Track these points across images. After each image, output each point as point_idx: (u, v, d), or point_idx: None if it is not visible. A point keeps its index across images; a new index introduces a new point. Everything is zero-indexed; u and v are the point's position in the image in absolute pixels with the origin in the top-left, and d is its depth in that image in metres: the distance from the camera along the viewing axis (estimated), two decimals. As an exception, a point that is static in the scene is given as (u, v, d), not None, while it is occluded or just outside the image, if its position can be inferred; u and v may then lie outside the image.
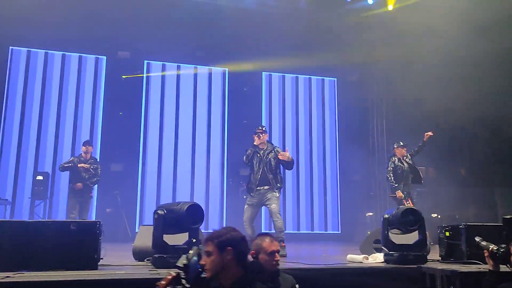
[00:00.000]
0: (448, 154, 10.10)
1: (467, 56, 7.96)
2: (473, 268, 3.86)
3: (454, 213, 10.22)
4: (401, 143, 7.94)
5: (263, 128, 6.31)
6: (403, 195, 7.58)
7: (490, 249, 3.33)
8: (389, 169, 7.76)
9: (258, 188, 6.09)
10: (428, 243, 5.27)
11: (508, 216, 3.88)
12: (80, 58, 9.86)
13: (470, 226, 4.49)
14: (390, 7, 9.90)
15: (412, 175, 7.77)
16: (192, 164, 10.12)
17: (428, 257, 4.77)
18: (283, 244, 5.71)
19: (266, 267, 3.26)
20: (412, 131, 9.65)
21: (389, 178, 7.67)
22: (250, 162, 6.19)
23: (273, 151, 6.20)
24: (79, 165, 7.32)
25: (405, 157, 7.83)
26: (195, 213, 4.05)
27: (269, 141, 6.41)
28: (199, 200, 9.86)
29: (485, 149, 9.65)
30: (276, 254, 3.25)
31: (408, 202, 7.48)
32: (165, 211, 4.08)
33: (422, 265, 4.27)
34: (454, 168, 10.64)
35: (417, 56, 8.71)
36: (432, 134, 7.65)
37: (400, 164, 7.76)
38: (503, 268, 3.29)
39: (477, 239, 3.52)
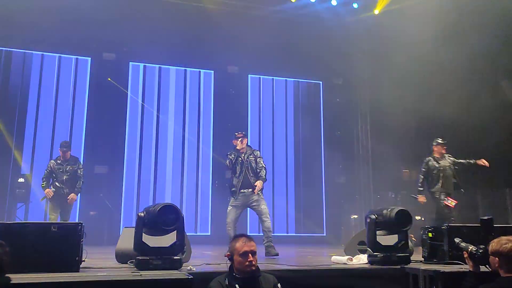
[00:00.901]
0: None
1: (449, 60, 8.08)
2: (455, 268, 3.91)
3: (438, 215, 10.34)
4: (440, 141, 7.41)
5: (243, 133, 6.59)
6: (425, 200, 7.29)
7: (469, 250, 3.37)
8: (422, 170, 7.34)
9: (242, 191, 6.27)
10: (411, 244, 5.33)
11: (485, 217, 3.94)
12: (61, 59, 9.71)
13: (452, 227, 4.55)
14: (376, 12, 10.03)
15: (454, 179, 7.36)
16: (177, 166, 10.06)
17: (412, 258, 4.82)
18: (272, 244, 6.02)
19: (241, 268, 3.24)
20: (396, 135, 9.77)
21: (419, 180, 7.32)
22: (233, 166, 6.36)
23: (252, 154, 6.46)
24: (68, 199, 7.11)
25: (445, 156, 7.34)
26: (167, 214, 3.99)
27: (248, 145, 6.65)
28: (186, 202, 9.90)
29: (467, 153, 9.78)
30: (250, 254, 3.23)
31: (445, 202, 7.13)
32: (145, 213, 4.05)
33: (405, 266, 4.31)
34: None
35: (401, 60, 8.81)
36: (486, 165, 7.22)
37: (435, 164, 7.29)
38: (483, 268, 3.34)
39: (457, 240, 3.58)
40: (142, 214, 4.10)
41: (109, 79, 9.42)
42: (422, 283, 3.78)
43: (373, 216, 4.73)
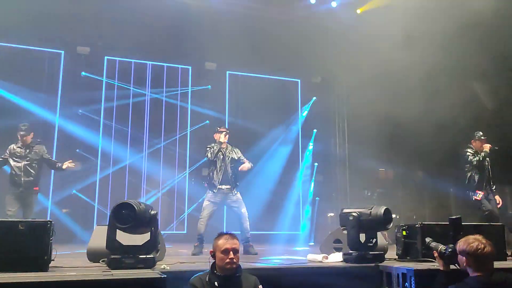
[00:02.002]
0: (406, 157, 10.39)
1: (426, 63, 8.19)
2: (427, 266, 3.96)
3: (412, 214, 10.54)
4: (482, 136, 6.82)
5: (227, 129, 6.59)
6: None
7: (439, 249, 3.42)
8: (470, 160, 6.66)
9: (220, 186, 6.26)
10: (385, 242, 5.39)
11: (454, 216, 4.00)
12: (34, 52, 9.40)
13: (425, 226, 4.62)
14: (358, 11, 10.11)
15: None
16: (153, 163, 9.90)
17: (386, 256, 4.87)
18: (250, 243, 6.15)
19: (222, 265, 3.23)
20: (372, 134, 9.88)
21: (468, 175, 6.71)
22: (214, 159, 6.31)
23: (233, 151, 6.49)
24: (63, 166, 6.51)
25: (484, 153, 6.73)
26: (122, 212, 3.90)
27: (229, 143, 6.63)
28: (162, 200, 9.77)
29: (441, 153, 9.97)
30: (231, 252, 3.22)
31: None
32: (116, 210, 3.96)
33: (379, 264, 4.35)
34: (412, 170, 10.98)
35: (376, 61, 8.89)
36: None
37: (477, 158, 6.71)
38: (454, 267, 3.38)
39: (427, 239, 3.62)
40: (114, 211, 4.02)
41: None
42: (396, 280, 3.82)
43: (355, 214, 4.73)
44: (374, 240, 4.73)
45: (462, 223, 4.05)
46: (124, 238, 3.96)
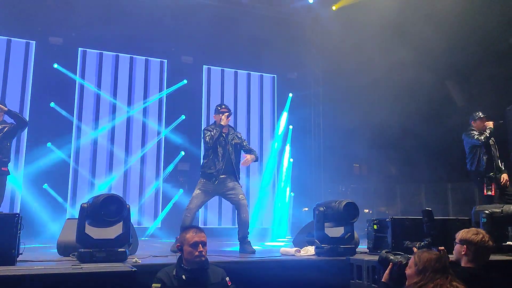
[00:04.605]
0: (379, 153, 10.59)
1: (395, 59, 8.32)
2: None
3: (384, 209, 10.76)
4: (481, 115, 6.43)
5: (230, 109, 5.56)
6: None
7: (417, 245, 3.53)
8: (477, 139, 6.15)
9: (222, 176, 5.30)
10: (357, 236, 5.48)
11: (428, 208, 4.11)
12: (6, 41, 9.14)
13: (396, 220, 4.72)
14: (334, 8, 10.19)
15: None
16: (128, 156, 9.78)
17: (357, 249, 4.96)
18: (248, 240, 5.33)
19: (190, 259, 3.21)
20: (347, 130, 10.02)
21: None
22: (214, 144, 5.36)
23: (236, 136, 5.57)
24: None
25: (489, 130, 6.29)
26: (111, 205, 3.89)
27: (230, 125, 5.68)
28: (134, 194, 9.66)
29: (414, 150, 10.20)
30: (200, 245, 3.21)
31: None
32: (88, 204, 3.92)
33: (350, 257, 4.43)
34: (385, 166, 11.20)
35: (355, 57, 9.01)
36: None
37: (484, 136, 6.24)
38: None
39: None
40: (86, 205, 3.97)
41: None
42: (365, 273, 3.89)
43: (322, 208, 4.82)
44: (349, 234, 4.81)
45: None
46: (95, 231, 3.91)
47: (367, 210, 10.41)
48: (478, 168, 6.22)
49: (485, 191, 6.05)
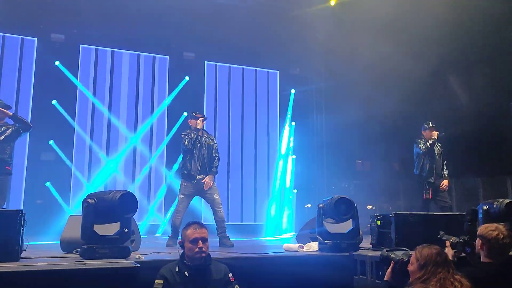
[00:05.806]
0: (382, 149, 10.54)
1: (396, 54, 8.27)
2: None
3: (387, 205, 10.73)
4: (431, 124, 6.92)
5: (204, 115, 6.37)
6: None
7: (451, 240, 3.59)
8: (420, 148, 6.72)
9: (199, 176, 5.95)
10: (361, 232, 5.46)
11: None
12: (5, 38, 9.11)
13: (399, 215, 4.71)
14: (332, 3, 10.14)
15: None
16: (129, 154, 9.77)
17: (361, 245, 4.95)
18: (226, 234, 5.86)
19: (191, 255, 3.22)
20: (350, 126, 9.97)
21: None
22: (191, 147, 5.98)
23: (209, 139, 6.22)
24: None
25: (432, 140, 6.78)
26: (128, 202, 3.94)
27: (204, 130, 6.41)
28: (134, 191, 9.65)
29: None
30: (200, 241, 3.22)
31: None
32: (96, 200, 3.91)
33: (354, 253, 4.42)
34: (388, 162, 11.15)
35: (357, 51, 8.96)
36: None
37: (425, 146, 6.75)
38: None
39: (441, 233, 3.75)
40: (93, 201, 3.95)
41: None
42: (369, 268, 3.88)
43: (321, 205, 4.83)
44: (349, 229, 4.81)
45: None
46: (99, 228, 3.91)
47: (370, 206, 10.38)
48: (421, 174, 6.77)
49: (424, 195, 6.63)
